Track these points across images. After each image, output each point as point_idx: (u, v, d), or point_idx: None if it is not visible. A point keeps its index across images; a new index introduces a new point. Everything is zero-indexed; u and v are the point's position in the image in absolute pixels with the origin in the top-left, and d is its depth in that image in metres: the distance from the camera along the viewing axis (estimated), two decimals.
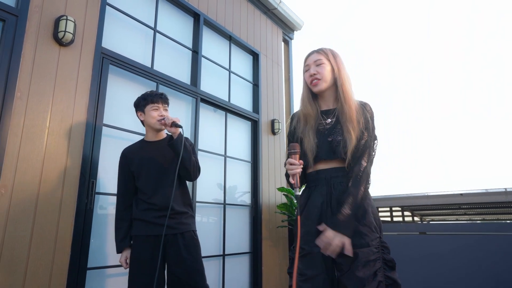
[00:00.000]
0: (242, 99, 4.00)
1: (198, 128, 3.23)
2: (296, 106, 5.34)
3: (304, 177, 1.64)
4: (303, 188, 1.65)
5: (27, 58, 2.09)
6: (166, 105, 1.97)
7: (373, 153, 1.53)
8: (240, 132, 3.90)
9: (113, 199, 2.55)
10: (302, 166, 1.46)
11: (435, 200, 3.83)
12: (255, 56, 4.27)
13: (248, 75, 4.19)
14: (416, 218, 8.95)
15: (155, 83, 2.94)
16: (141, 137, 2.76)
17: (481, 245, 3.15)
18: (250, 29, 4.25)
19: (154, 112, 1.92)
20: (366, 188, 1.48)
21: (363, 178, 1.46)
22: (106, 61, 2.53)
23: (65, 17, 2.23)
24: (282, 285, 3.94)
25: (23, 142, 2.01)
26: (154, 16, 3.08)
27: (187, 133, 3.18)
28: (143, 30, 2.97)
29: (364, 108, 1.56)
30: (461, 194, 3.54)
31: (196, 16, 3.48)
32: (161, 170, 1.90)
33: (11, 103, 1.98)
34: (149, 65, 2.91)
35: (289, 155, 1.47)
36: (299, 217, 1.52)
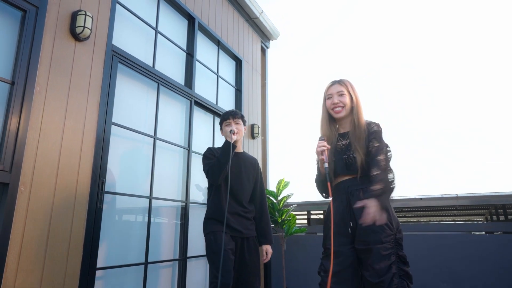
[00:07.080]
0: (226, 103, 4.11)
1: (192, 131, 3.28)
2: (271, 112, 5.53)
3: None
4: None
5: (46, 52, 2.02)
6: (237, 119, 2.26)
7: (386, 155, 1.77)
8: None
9: (121, 198, 2.52)
10: (328, 148, 1.79)
11: (399, 203, 4.30)
12: (238, 62, 4.41)
13: (232, 80, 4.31)
14: None
15: (156, 84, 2.95)
16: (145, 137, 2.76)
17: (438, 241, 3.63)
18: (235, 36, 4.38)
19: (226, 127, 2.26)
20: (387, 186, 1.70)
21: (382, 174, 1.69)
22: (116, 59, 2.51)
23: (83, 12, 2.18)
24: None
25: (41, 138, 1.94)
26: (156, 16, 3.09)
27: (181, 135, 3.22)
28: (145, 30, 2.96)
29: (369, 126, 1.86)
30: (421, 199, 4.03)
31: (191, 19, 3.53)
32: (241, 178, 2.28)
33: (31, 96, 1.90)
34: (151, 65, 2.91)
35: (319, 139, 1.83)
36: (332, 215, 1.76)
